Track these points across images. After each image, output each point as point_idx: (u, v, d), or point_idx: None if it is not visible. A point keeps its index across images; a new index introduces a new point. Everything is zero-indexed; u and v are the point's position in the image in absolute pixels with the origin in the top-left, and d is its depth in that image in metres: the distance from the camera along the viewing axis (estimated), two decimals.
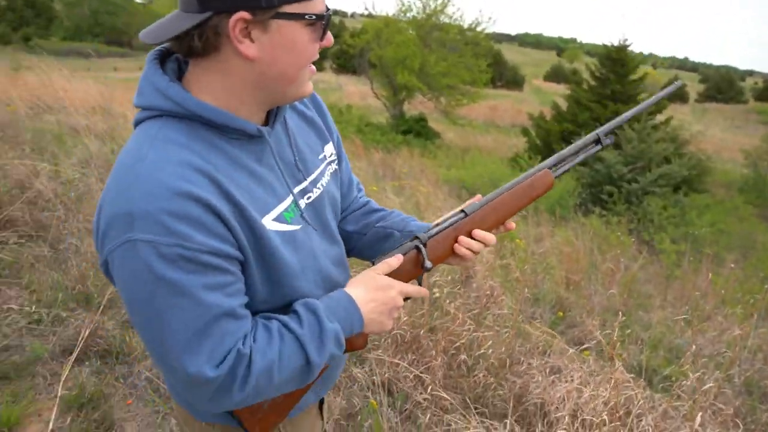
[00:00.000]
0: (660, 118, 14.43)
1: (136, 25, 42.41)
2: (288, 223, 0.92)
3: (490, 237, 1.08)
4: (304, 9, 0.81)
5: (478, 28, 22.51)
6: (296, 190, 0.96)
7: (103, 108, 6.65)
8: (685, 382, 2.67)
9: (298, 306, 0.93)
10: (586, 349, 3.23)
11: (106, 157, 4.64)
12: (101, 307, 2.47)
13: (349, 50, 26.94)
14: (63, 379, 2.15)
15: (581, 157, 1.18)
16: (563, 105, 16.77)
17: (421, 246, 1.04)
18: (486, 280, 3.45)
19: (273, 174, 0.91)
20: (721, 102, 62.86)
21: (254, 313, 0.91)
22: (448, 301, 2.75)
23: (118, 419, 2.15)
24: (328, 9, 0.85)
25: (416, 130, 20.25)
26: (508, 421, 2.18)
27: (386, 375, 2.38)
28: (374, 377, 2.32)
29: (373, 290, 0.98)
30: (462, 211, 1.08)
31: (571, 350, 3.13)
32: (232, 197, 0.81)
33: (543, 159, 12.79)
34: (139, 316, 0.81)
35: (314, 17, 0.82)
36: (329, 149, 1.08)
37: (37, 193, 3.68)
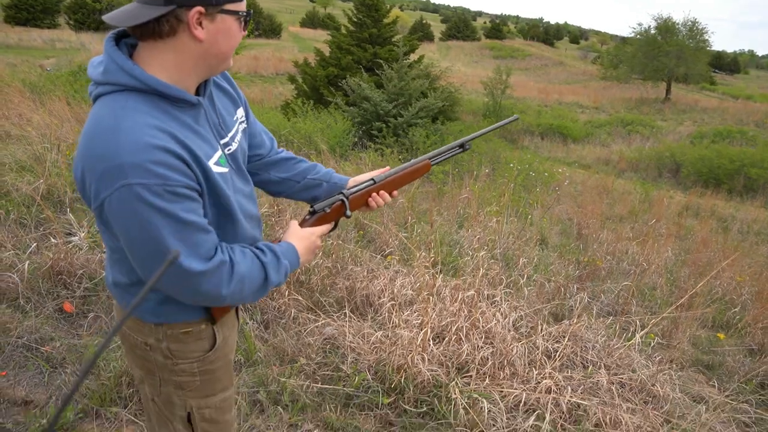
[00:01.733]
0: (413, 57, 15.85)
1: None
2: (222, 167, 1.24)
3: (388, 198, 1.60)
4: (237, 8, 1.15)
5: None
6: (222, 142, 1.28)
7: None
8: (467, 262, 3.47)
9: (261, 245, 1.31)
10: (389, 254, 3.90)
11: None
12: None
13: (90, 3, 24.23)
14: None
15: (449, 155, 1.74)
16: (326, 50, 17.41)
17: (345, 199, 1.51)
18: (296, 210, 3.93)
19: (206, 131, 1.23)
20: (460, 40, 69.78)
21: None
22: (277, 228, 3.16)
23: (1, 388, 2.20)
24: (249, 9, 1.19)
25: None
26: (347, 311, 2.71)
27: None
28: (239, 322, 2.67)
29: (302, 239, 1.42)
30: (372, 179, 1.57)
31: (377, 257, 3.77)
32: (188, 148, 1.12)
33: (314, 104, 13.29)
34: (138, 240, 1.09)
35: (243, 14, 1.17)
36: (240, 113, 1.41)
37: None
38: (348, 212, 1.52)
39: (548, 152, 20.01)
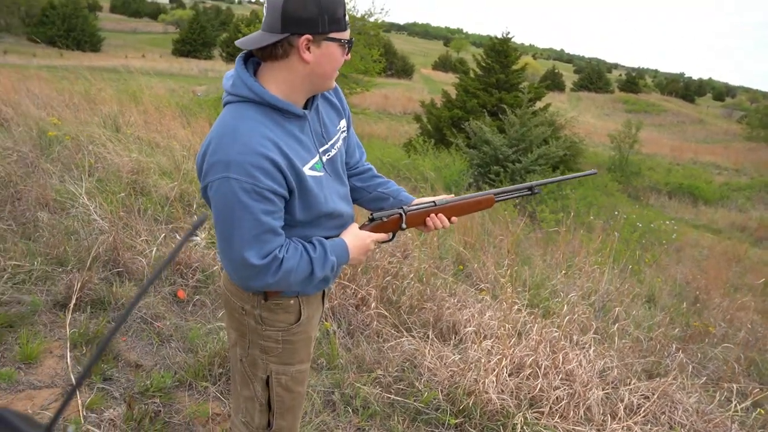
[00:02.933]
0: (539, 104, 15.84)
1: None
2: (317, 171, 1.50)
3: (446, 222, 1.73)
4: (341, 36, 1.41)
5: (371, 19, 23.22)
6: (321, 149, 1.54)
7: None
8: (559, 304, 3.51)
9: (314, 239, 1.53)
10: (482, 289, 4.01)
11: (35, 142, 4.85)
12: (89, 264, 2.89)
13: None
14: (67, 322, 2.58)
15: (515, 195, 1.80)
16: (452, 93, 17.84)
17: (403, 214, 1.68)
18: (400, 238, 4.17)
19: (308, 139, 1.49)
20: (592, 91, 68.08)
21: (294, 226, 1.49)
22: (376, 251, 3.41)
23: (119, 350, 2.61)
24: (351, 37, 1.45)
25: None
26: (430, 334, 2.88)
27: (335, 303, 3.04)
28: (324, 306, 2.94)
29: (357, 239, 1.60)
30: (433, 202, 1.72)
31: (471, 290, 3.90)
32: (286, 155, 1.39)
33: (436, 143, 13.63)
34: (221, 222, 1.37)
35: (345, 41, 1.43)
36: (343, 123, 1.68)
37: None
38: (404, 225, 1.67)
39: (675, 212, 18.92)
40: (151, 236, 3.62)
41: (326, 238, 1.57)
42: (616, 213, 8.57)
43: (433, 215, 1.73)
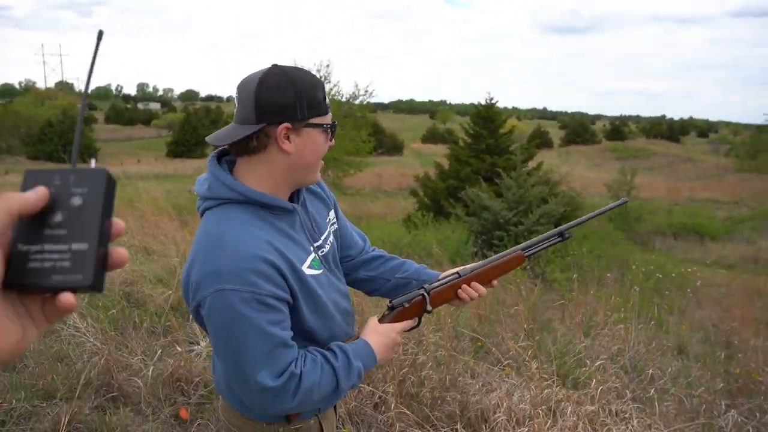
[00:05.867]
0: (532, 164, 15.91)
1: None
2: (315, 269, 1.33)
3: (482, 289, 1.51)
4: (322, 121, 1.27)
5: (357, 101, 23.81)
6: (315, 245, 1.37)
7: None
8: (590, 373, 3.24)
9: (334, 346, 1.33)
10: (506, 365, 3.74)
11: None
12: (78, 392, 2.65)
13: None
14: None
15: (546, 245, 1.58)
16: (445, 164, 17.98)
17: (426, 294, 1.47)
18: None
19: (301, 236, 1.33)
20: (580, 144, 69.25)
21: (304, 336, 1.30)
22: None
23: None
24: (333, 120, 1.31)
25: None
26: (458, 427, 2.60)
27: (351, 405, 2.77)
28: (340, 410, 2.67)
29: (380, 335, 1.40)
30: (456, 272, 1.52)
31: (494, 368, 3.63)
32: (284, 255, 1.22)
33: (435, 215, 13.54)
34: (223, 344, 1.18)
35: (328, 126, 1.28)
36: (332, 215, 1.51)
37: None
38: (429, 307, 1.47)
39: (683, 253, 18.62)
40: (148, 351, 3.39)
41: (343, 340, 1.38)
42: (634, 267, 8.29)
43: (465, 286, 1.50)
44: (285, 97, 1.20)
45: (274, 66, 1.25)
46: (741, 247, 19.67)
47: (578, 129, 76.22)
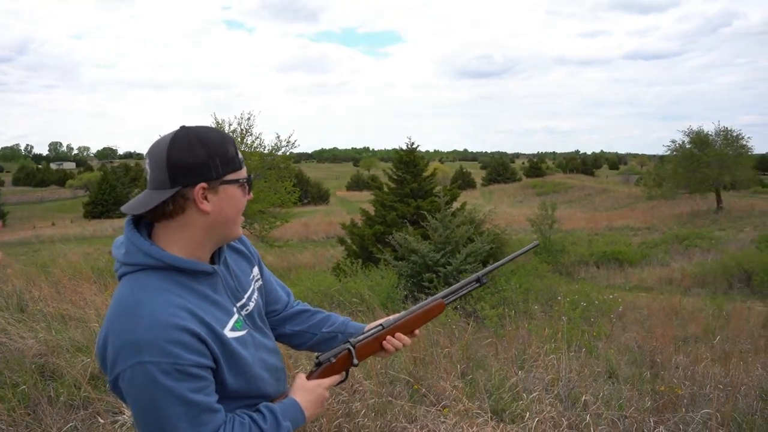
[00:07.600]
0: (456, 205, 16.29)
1: None
2: (239, 330, 1.31)
3: (406, 339, 1.57)
4: (237, 176, 1.26)
5: (279, 153, 23.73)
6: (238, 305, 1.35)
7: None
8: (525, 406, 3.29)
9: (263, 407, 1.31)
10: (444, 406, 3.74)
11: None
12: None
13: None
14: None
15: (464, 291, 1.66)
16: (371, 210, 18.13)
17: (352, 348, 1.50)
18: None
19: (223, 298, 1.31)
20: (501, 182, 71.82)
21: (229, 398, 1.27)
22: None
23: None
24: (249, 174, 1.31)
25: None
26: None
27: None
28: None
29: (308, 392, 1.41)
30: (380, 324, 1.57)
31: (432, 409, 3.63)
32: (204, 321, 1.19)
33: (364, 262, 13.49)
34: (145, 417, 1.14)
35: (244, 180, 1.28)
36: (255, 271, 1.50)
37: None
38: (355, 360, 1.50)
39: (606, 280, 19.44)
40: (64, 427, 3.16)
41: (271, 400, 1.36)
42: (558, 298, 8.60)
43: (389, 337, 1.55)
44: (198, 157, 1.19)
45: (182, 128, 1.24)
46: (657, 269, 20.74)
47: (499, 168, 79.15)
